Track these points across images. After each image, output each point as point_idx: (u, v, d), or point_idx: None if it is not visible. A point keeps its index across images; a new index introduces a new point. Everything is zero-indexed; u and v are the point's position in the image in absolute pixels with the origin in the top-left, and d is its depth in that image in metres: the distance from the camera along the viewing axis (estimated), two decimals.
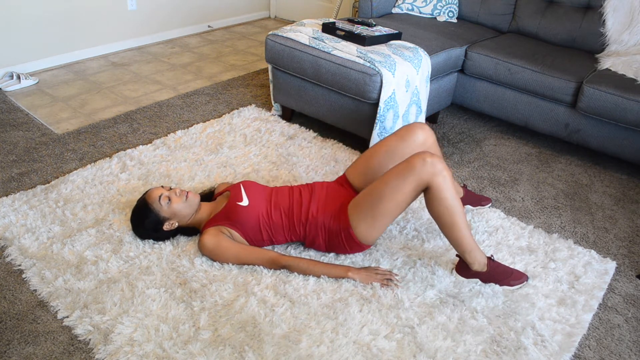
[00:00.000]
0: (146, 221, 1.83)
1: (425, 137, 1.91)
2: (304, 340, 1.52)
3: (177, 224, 1.86)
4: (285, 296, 1.68)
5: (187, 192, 1.86)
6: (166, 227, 1.84)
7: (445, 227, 1.69)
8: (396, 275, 1.78)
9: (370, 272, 1.76)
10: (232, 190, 1.88)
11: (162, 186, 1.88)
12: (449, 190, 1.63)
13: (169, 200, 1.81)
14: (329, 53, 2.44)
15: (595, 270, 1.90)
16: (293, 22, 4.90)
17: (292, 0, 4.91)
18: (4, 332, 1.54)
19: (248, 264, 1.79)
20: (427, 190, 1.66)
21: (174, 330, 1.54)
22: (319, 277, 1.75)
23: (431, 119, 3.00)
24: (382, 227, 1.75)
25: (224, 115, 2.89)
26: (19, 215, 1.98)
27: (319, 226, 1.81)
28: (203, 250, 1.80)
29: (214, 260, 1.80)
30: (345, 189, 1.94)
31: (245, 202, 1.82)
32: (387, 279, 1.75)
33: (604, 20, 2.85)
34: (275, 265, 1.77)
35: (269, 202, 1.85)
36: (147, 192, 1.87)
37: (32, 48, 3.32)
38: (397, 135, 1.93)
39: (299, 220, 1.83)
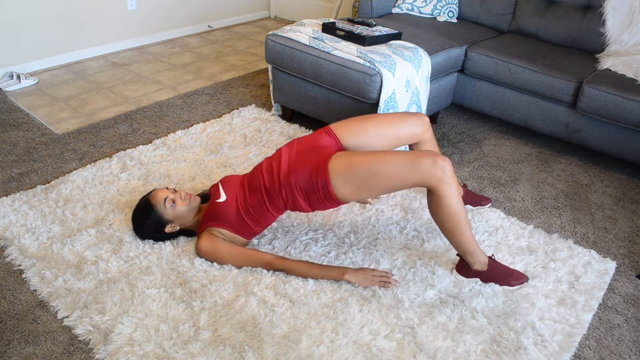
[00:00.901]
0: (148, 222, 1.83)
1: (423, 128, 1.89)
2: (304, 340, 1.52)
3: (178, 227, 1.86)
4: (285, 296, 1.68)
5: (191, 195, 1.85)
6: (168, 229, 1.84)
7: (447, 231, 1.68)
8: (393, 275, 1.78)
9: (367, 273, 1.75)
10: (213, 190, 1.89)
11: (167, 188, 1.87)
12: (454, 198, 1.61)
13: (174, 203, 1.81)
14: (329, 53, 2.44)
15: (595, 270, 1.90)
16: (293, 22, 4.90)
17: (292, 0, 4.91)
18: (4, 332, 1.54)
19: (246, 266, 1.79)
20: (431, 194, 1.64)
21: (174, 330, 1.54)
22: (316, 279, 1.75)
23: (431, 119, 3.00)
24: (366, 197, 1.73)
25: (224, 115, 2.90)
26: (19, 215, 1.98)
27: (292, 186, 1.72)
28: (199, 255, 1.80)
29: (213, 262, 1.80)
30: (329, 140, 1.83)
31: (222, 197, 1.81)
32: (384, 280, 1.74)
33: (604, 20, 2.85)
34: (271, 268, 1.77)
35: (243, 187, 1.83)
36: (150, 192, 1.86)
37: (32, 48, 3.32)
38: (396, 114, 1.91)
39: (273, 190, 1.75)
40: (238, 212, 1.79)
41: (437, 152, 1.64)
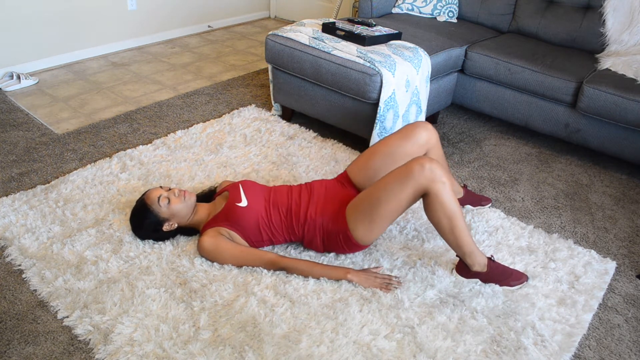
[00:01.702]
0: (145, 222, 1.83)
1: (429, 137, 1.91)
2: (304, 340, 1.52)
3: (176, 225, 1.86)
4: (285, 296, 1.68)
5: (185, 192, 1.85)
6: (166, 227, 1.84)
7: (444, 232, 1.68)
8: (396, 277, 1.78)
9: (370, 274, 1.76)
10: (231, 191, 1.88)
11: (161, 186, 1.87)
12: (447, 196, 1.62)
13: (168, 201, 1.81)
14: (329, 53, 2.44)
15: (595, 270, 1.90)
16: (293, 22, 4.90)
17: (292, 0, 4.91)
18: (4, 332, 1.54)
19: (247, 265, 1.79)
20: (425, 196, 1.65)
21: (174, 330, 1.54)
22: (318, 278, 1.75)
23: (431, 119, 3.00)
24: (381, 230, 1.75)
25: (224, 115, 2.90)
26: (19, 215, 1.98)
27: (317, 227, 1.81)
28: (201, 252, 1.80)
29: (213, 262, 1.80)
30: (346, 187, 1.93)
31: (244, 202, 1.82)
32: (387, 283, 1.74)
33: (604, 20, 2.85)
34: (273, 266, 1.77)
35: (268, 202, 1.85)
36: (145, 193, 1.87)
37: (32, 48, 3.32)
38: (399, 134, 1.92)
39: (297, 221, 1.82)
40: (257, 223, 1.81)
41: (424, 156, 1.66)
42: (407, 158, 1.85)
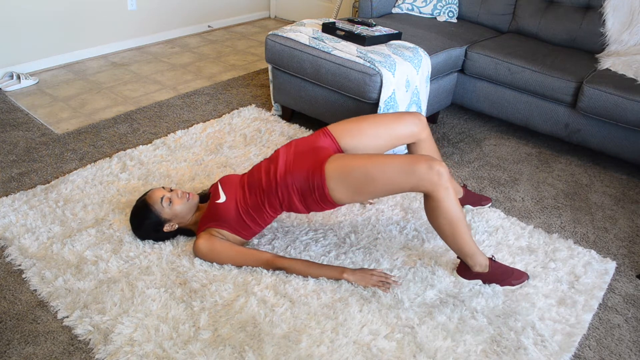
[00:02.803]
0: (146, 222, 1.83)
1: (420, 127, 1.89)
2: (304, 340, 1.52)
3: (177, 226, 1.86)
4: (285, 296, 1.68)
5: (189, 194, 1.85)
6: (166, 228, 1.84)
7: (446, 236, 1.68)
8: (392, 276, 1.78)
9: (366, 273, 1.75)
10: (213, 190, 1.88)
11: (163, 187, 1.87)
12: (451, 202, 1.60)
13: (171, 202, 1.81)
14: (329, 53, 2.44)
15: (595, 270, 1.90)
16: (293, 22, 4.90)
17: (292, 0, 4.91)
18: (4, 332, 1.54)
19: (244, 265, 1.79)
20: (427, 199, 1.64)
21: (174, 330, 1.54)
22: (315, 278, 1.75)
23: (431, 119, 3.00)
24: (361, 200, 1.74)
25: (224, 115, 2.90)
26: (19, 215, 1.98)
27: (289, 187, 1.72)
28: (198, 255, 1.80)
29: (212, 263, 1.80)
30: (323, 140, 1.84)
31: (222, 198, 1.81)
32: (381, 281, 1.74)
33: (604, 20, 2.85)
34: (270, 266, 1.77)
35: (242, 187, 1.83)
36: (147, 193, 1.87)
37: (32, 48, 3.32)
38: (392, 115, 1.90)
39: (270, 190, 1.76)
40: (237, 212, 1.79)
41: (433, 157, 1.63)
42: (395, 135, 1.84)
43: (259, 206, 1.79)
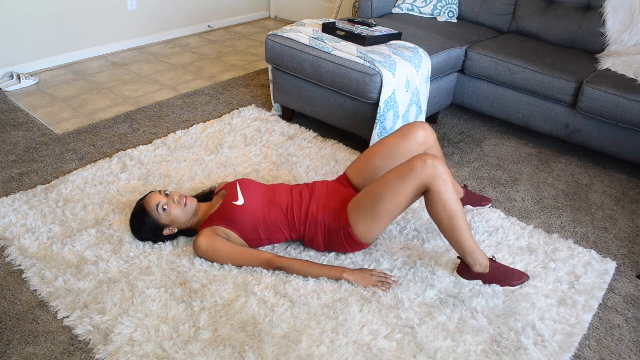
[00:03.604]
0: (145, 227, 1.83)
1: (426, 137, 1.91)
2: (304, 340, 1.52)
3: (176, 230, 1.86)
4: (285, 296, 1.68)
5: (186, 198, 1.84)
6: (166, 232, 1.84)
7: (445, 229, 1.68)
8: (392, 276, 1.78)
9: (365, 273, 1.76)
10: (228, 189, 1.87)
11: (160, 191, 1.85)
12: (449, 193, 1.62)
13: (167, 208, 1.80)
14: (329, 53, 2.44)
15: (595, 270, 1.90)
16: (293, 22, 4.90)
17: (292, 0, 4.91)
18: (4, 332, 1.54)
19: (244, 265, 1.79)
20: (426, 193, 1.65)
21: (174, 330, 1.54)
22: (315, 278, 1.75)
23: (431, 119, 3.00)
24: (382, 227, 1.75)
25: (224, 115, 2.90)
26: (19, 215, 1.98)
27: (318, 224, 1.81)
28: (197, 252, 1.79)
29: (212, 262, 1.80)
30: (346, 187, 1.93)
31: (240, 201, 1.81)
32: (381, 281, 1.74)
33: (604, 20, 2.85)
34: (270, 266, 1.77)
35: (266, 200, 1.84)
36: (144, 197, 1.85)
37: (32, 48, 3.32)
38: (397, 134, 1.92)
39: (298, 219, 1.82)
40: (254, 221, 1.80)
41: (427, 153, 1.66)
42: (406, 157, 1.86)
43: (279, 226, 1.83)
